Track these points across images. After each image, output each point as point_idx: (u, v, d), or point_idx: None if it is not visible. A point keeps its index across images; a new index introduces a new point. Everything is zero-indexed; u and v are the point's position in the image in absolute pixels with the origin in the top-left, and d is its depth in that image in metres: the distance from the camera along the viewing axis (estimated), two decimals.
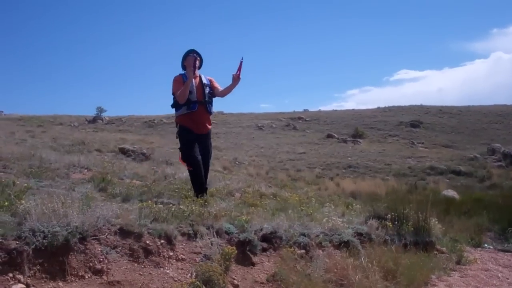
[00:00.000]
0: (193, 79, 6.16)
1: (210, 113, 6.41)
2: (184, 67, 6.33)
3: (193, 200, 5.57)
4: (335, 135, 42.32)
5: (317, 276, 4.33)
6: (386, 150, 34.53)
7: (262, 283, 4.22)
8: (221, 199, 6.70)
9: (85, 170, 8.71)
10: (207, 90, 6.32)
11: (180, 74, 6.35)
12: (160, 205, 4.81)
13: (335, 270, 4.60)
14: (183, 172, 9.25)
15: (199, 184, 6.13)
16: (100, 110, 57.60)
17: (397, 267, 4.93)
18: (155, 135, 40.94)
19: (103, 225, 3.87)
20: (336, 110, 68.89)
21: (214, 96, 6.43)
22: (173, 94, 6.25)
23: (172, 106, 6.36)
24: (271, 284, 4.23)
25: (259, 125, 49.53)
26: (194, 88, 6.19)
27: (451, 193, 15.60)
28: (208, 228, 4.54)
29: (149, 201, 4.88)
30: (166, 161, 15.49)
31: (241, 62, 6.09)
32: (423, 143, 40.83)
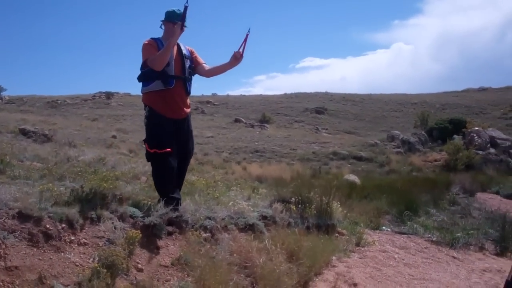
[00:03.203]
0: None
1: (188, 93, 5.14)
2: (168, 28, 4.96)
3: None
4: (243, 119, 42.64)
5: (222, 259, 4.37)
6: (291, 136, 35.26)
7: (166, 266, 4.21)
8: (126, 182, 6.56)
9: None
10: (187, 63, 5.06)
11: (152, 38, 4.98)
12: (62, 188, 4.66)
13: (240, 253, 4.67)
14: (87, 154, 9.00)
15: (164, 189, 5.01)
16: (0, 89, 54.98)
17: (300, 249, 5.07)
18: (58, 116, 39.58)
19: (0, 209, 3.72)
20: (244, 95, 69.49)
21: (195, 74, 5.21)
22: (144, 62, 4.89)
23: (140, 79, 5.03)
24: (175, 267, 4.22)
25: None
26: (172, 59, 4.91)
27: (352, 177, 16.18)
28: (112, 212, 4.45)
29: (50, 184, 4.71)
30: (69, 143, 14.99)
31: (247, 35, 4.83)
32: (327, 129, 42.07)
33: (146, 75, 4.91)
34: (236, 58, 4.88)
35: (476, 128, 26.38)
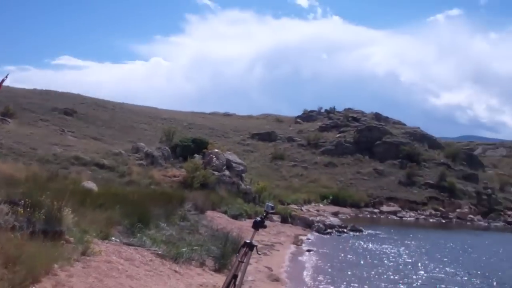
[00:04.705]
0: None
1: None
2: None
3: None
4: None
5: None
6: (34, 134, 33.45)
7: None
8: None
9: None
10: None
11: None
12: None
13: None
14: None
15: None
16: None
17: (21, 255, 4.93)
18: None
19: None
20: None
21: None
22: None
23: None
24: None
25: None
26: None
27: (90, 184, 16.02)
28: None
29: None
30: None
31: (3, 80, 4.79)
32: (73, 132, 40.73)
33: None
34: None
35: (216, 150, 28.06)
